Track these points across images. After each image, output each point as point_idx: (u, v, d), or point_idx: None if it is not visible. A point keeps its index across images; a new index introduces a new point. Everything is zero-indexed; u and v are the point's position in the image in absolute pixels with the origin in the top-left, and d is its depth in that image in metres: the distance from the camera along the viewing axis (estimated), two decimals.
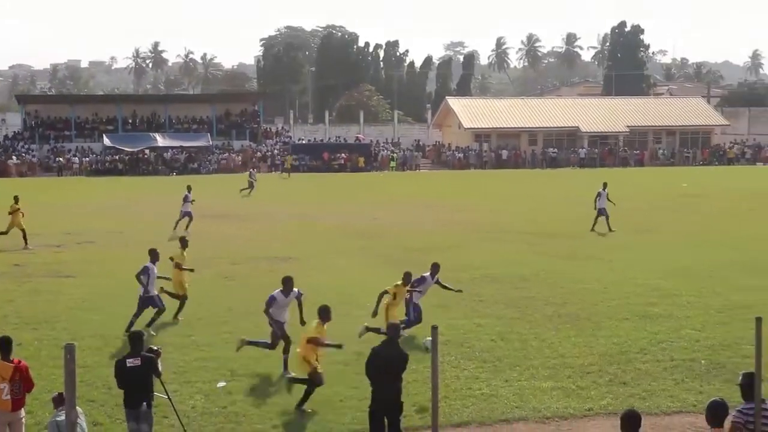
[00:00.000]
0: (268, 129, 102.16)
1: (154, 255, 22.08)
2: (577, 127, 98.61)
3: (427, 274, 21.57)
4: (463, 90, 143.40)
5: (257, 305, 19.63)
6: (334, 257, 32.79)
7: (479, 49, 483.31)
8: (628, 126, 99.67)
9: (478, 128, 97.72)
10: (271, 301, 18.40)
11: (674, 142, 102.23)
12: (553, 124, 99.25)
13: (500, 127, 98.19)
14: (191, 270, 24.20)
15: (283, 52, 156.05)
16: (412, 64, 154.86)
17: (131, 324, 20.75)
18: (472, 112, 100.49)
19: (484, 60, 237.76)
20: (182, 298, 23.35)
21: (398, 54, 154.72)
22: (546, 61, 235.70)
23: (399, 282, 20.50)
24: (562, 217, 45.24)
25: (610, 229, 39.18)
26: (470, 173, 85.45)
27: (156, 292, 22.00)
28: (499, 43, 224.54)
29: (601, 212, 40.09)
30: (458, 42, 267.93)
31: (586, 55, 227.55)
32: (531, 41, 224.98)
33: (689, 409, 15.78)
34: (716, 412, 10.19)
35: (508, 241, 36.87)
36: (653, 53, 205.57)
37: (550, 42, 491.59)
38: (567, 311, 23.59)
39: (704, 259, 31.51)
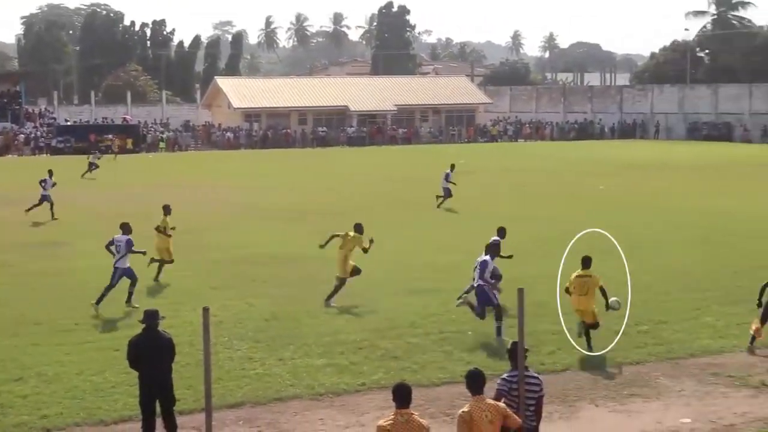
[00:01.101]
0: (31, 110, 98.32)
1: (126, 228, 22.25)
2: (347, 106, 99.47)
3: (486, 257, 19.98)
4: (232, 70, 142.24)
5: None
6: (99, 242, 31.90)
7: (248, 28, 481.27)
8: (395, 105, 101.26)
9: (248, 108, 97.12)
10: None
11: (440, 121, 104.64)
12: (322, 103, 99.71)
13: (270, 107, 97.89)
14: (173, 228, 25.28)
15: (45, 31, 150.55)
16: (181, 43, 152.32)
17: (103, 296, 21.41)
18: (242, 92, 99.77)
19: (253, 39, 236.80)
20: (167, 262, 24.62)
21: (165, 33, 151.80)
22: (315, 41, 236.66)
23: (352, 232, 22.52)
24: (332, 195, 45.57)
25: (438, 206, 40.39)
26: (241, 153, 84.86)
27: (128, 265, 21.95)
28: (268, 22, 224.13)
29: (445, 191, 41.00)
30: (227, 21, 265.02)
31: (354, 35, 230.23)
32: (300, 21, 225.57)
33: (458, 379, 16.14)
34: (474, 380, 10.49)
35: (279, 220, 36.86)
36: (419, 33, 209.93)
37: (319, 21, 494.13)
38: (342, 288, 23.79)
39: (472, 234, 32.38)
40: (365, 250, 22.86)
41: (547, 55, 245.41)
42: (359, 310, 21.50)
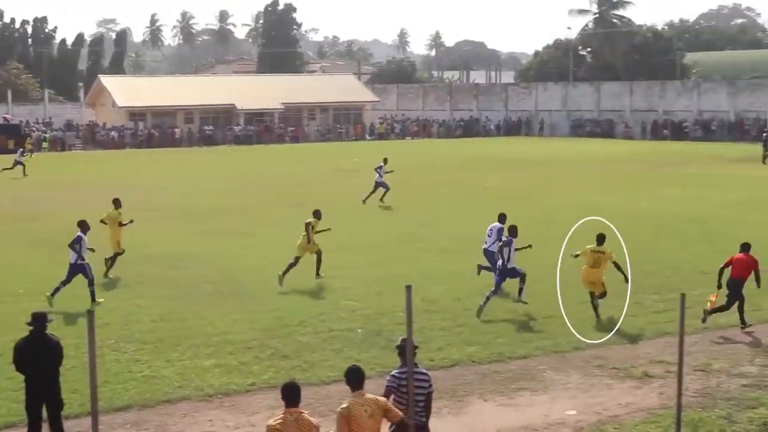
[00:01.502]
0: None
1: (84, 226, 22.71)
2: (233, 104, 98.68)
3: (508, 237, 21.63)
4: (117, 68, 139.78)
5: None
6: None
7: (132, 26, 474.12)
8: (283, 103, 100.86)
9: (133, 107, 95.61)
10: None
11: (328, 119, 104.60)
12: (209, 102, 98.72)
13: (156, 106, 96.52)
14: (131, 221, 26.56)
15: None
16: (63, 41, 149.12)
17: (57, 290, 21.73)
18: (127, 91, 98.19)
19: (137, 37, 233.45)
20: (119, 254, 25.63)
21: (47, 31, 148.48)
22: (201, 39, 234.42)
23: (311, 218, 25.08)
24: (219, 194, 45.20)
25: (377, 201, 40.76)
26: (126, 153, 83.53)
27: (87, 261, 22.26)
28: (153, 20, 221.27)
29: (381, 185, 41.05)
30: (110, 19, 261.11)
31: (241, 33, 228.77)
32: (185, 18, 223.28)
33: None
34: (352, 376, 10.56)
35: (166, 220, 36.42)
36: (306, 31, 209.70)
37: (205, 19, 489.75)
38: (227, 288, 23.69)
39: (362, 232, 32.50)
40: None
41: (433, 53, 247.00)
42: (249, 309, 21.39)
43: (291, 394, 9.99)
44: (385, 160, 42.39)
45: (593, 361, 17.60)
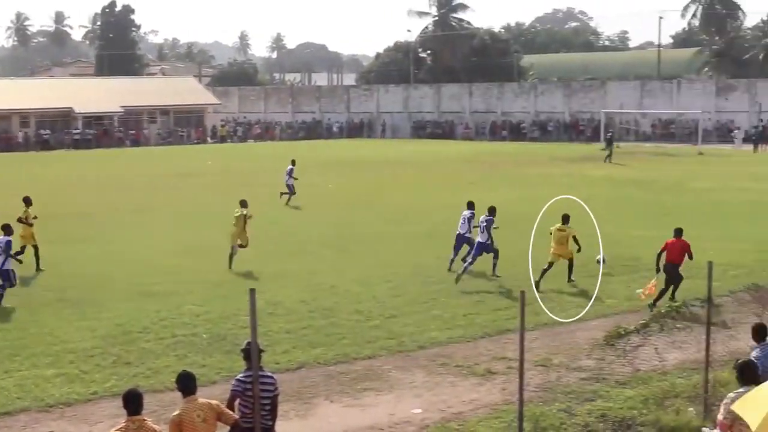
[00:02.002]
0: None
1: (8, 229, 23.05)
2: (71, 108, 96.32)
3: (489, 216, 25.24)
4: None
5: None
6: None
7: None
8: (122, 106, 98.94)
9: None
10: None
11: (169, 122, 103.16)
12: (45, 105, 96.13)
13: None
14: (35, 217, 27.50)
15: None
16: None
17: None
18: None
19: None
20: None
21: None
22: (36, 41, 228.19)
23: (240, 209, 27.20)
24: (56, 200, 44.07)
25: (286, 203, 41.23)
26: None
27: (10, 267, 22.40)
28: None
29: (290, 189, 41.71)
30: None
31: (78, 35, 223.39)
32: (20, 20, 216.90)
33: None
34: (183, 382, 10.59)
35: None
36: (145, 33, 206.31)
37: (40, 21, 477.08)
38: (68, 296, 23.17)
39: (204, 236, 32.19)
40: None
41: (275, 55, 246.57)
42: (90, 317, 20.96)
43: (133, 403, 9.88)
44: (293, 162, 43.02)
45: (437, 359, 17.87)
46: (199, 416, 10.28)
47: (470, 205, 26.51)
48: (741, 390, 10.48)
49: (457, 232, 26.17)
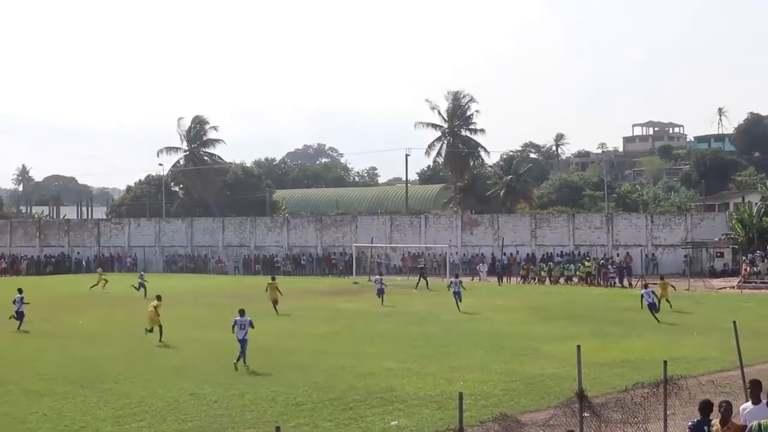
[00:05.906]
0: None
1: None
2: None
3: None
4: None
5: None
6: None
7: None
8: None
9: None
10: None
11: None
12: None
13: None
14: None
15: None
16: None
17: None
18: None
19: None
20: None
21: None
22: None
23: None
24: None
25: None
26: None
27: None
28: None
29: (19, 315, 42.32)
30: None
31: None
32: None
33: None
34: None
35: None
36: None
37: None
38: None
39: None
40: None
41: (21, 188, 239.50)
42: None
43: None
44: (20, 290, 43.12)
45: None
46: None
47: (241, 312, 33.29)
48: None
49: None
